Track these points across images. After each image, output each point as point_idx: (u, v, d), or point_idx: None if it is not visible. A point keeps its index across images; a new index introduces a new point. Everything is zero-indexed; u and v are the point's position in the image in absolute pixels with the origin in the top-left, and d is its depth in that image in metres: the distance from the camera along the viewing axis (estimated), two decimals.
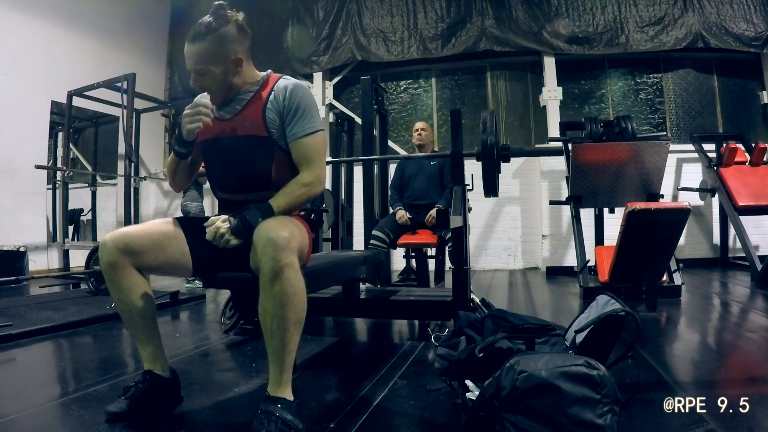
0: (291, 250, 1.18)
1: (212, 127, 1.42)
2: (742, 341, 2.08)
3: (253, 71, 1.46)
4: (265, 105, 1.40)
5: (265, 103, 1.40)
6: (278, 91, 1.40)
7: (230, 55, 1.36)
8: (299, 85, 1.42)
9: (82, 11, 5.36)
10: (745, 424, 1.19)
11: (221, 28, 1.34)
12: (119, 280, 1.30)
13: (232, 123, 1.42)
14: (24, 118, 4.69)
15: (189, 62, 1.36)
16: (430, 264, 3.49)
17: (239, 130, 1.41)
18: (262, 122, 1.39)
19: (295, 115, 1.38)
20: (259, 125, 1.39)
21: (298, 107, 1.38)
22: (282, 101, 1.39)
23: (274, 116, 1.39)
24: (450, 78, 6.01)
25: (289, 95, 1.38)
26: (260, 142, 1.39)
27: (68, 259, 4.24)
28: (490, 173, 2.24)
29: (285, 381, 1.21)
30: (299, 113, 1.38)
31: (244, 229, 1.27)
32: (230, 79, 1.39)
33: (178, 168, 1.49)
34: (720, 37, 5.22)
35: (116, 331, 2.44)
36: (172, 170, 1.50)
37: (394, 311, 2.32)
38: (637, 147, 3.45)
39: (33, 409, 1.40)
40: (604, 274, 3.15)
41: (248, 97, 1.42)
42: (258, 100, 1.41)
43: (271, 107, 1.39)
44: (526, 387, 1.04)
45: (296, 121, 1.38)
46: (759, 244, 4.49)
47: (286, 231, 1.19)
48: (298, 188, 1.36)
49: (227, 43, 1.35)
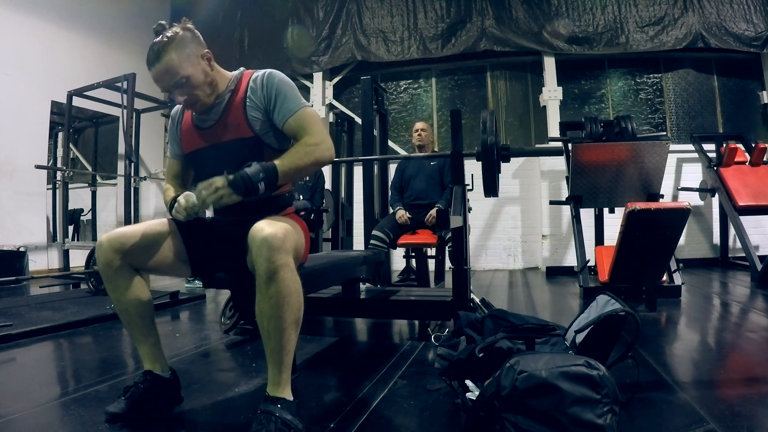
0: (286, 250, 1.17)
1: (195, 138, 1.41)
2: (742, 341, 2.08)
3: (224, 71, 1.43)
4: (244, 103, 1.37)
5: (243, 102, 1.37)
6: (254, 85, 1.38)
7: (197, 52, 1.34)
8: (272, 72, 1.39)
9: (82, 11, 5.37)
10: (745, 424, 1.18)
11: (175, 36, 1.31)
12: (116, 280, 1.30)
13: (214, 130, 1.40)
14: (24, 118, 4.70)
15: (163, 82, 1.31)
16: (430, 264, 3.49)
17: (223, 136, 1.38)
18: (245, 122, 1.36)
19: (276, 101, 1.35)
20: (242, 126, 1.36)
21: (278, 93, 1.36)
22: (260, 93, 1.36)
23: (255, 113, 1.36)
24: (450, 78, 6.01)
25: (266, 84, 1.36)
26: (247, 143, 1.36)
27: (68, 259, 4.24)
28: (490, 173, 2.24)
29: (284, 381, 1.21)
30: (281, 98, 1.35)
31: (243, 184, 1.20)
32: (210, 76, 1.36)
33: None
34: (720, 37, 5.22)
35: (116, 331, 2.45)
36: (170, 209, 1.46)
37: (394, 311, 2.32)
38: (637, 147, 3.45)
39: (33, 409, 1.40)
40: (604, 274, 3.15)
41: (225, 99, 1.39)
42: (236, 102, 1.38)
43: (251, 104, 1.37)
44: (526, 387, 1.04)
45: (280, 106, 1.35)
46: (759, 244, 4.49)
47: (281, 231, 1.18)
48: (302, 147, 1.31)
49: (188, 44, 1.33)
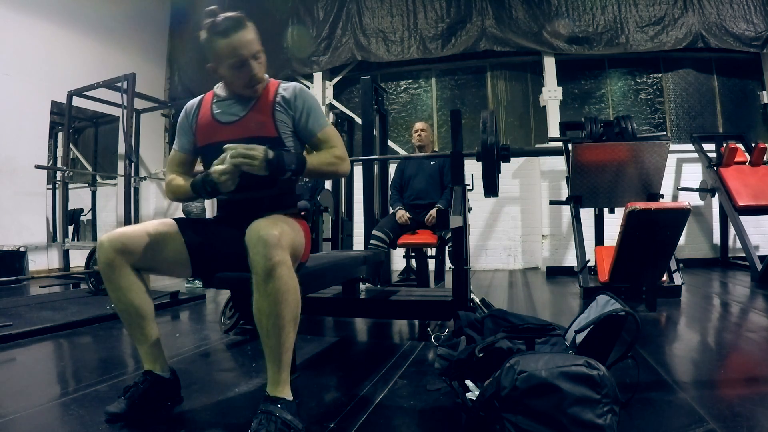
0: (282, 247, 1.18)
1: (215, 131, 1.44)
2: (742, 341, 2.08)
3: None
4: (273, 107, 1.44)
5: (272, 106, 1.44)
6: (284, 93, 1.46)
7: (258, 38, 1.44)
8: (303, 87, 1.50)
9: (82, 11, 5.37)
10: (745, 424, 1.18)
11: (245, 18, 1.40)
12: (117, 280, 1.30)
13: (237, 126, 1.44)
14: (24, 118, 4.70)
15: (245, 50, 1.37)
16: (430, 264, 3.49)
17: (247, 132, 1.42)
18: (272, 123, 1.43)
19: (309, 115, 1.46)
20: (268, 126, 1.43)
21: (310, 108, 1.47)
22: (293, 104, 1.45)
23: (284, 118, 1.45)
24: (450, 78, 6.01)
25: (298, 96, 1.46)
26: (269, 141, 1.40)
27: (68, 259, 4.24)
28: (490, 173, 2.24)
29: (283, 380, 1.21)
30: (313, 113, 1.47)
31: (277, 166, 1.29)
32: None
33: (186, 196, 1.46)
34: (720, 37, 5.22)
35: (116, 331, 2.45)
36: (178, 195, 1.47)
37: (394, 311, 2.32)
38: (637, 147, 3.46)
39: (33, 409, 1.40)
40: (604, 274, 3.15)
41: (252, 100, 1.45)
42: (264, 104, 1.44)
43: (280, 109, 1.45)
44: (526, 387, 1.04)
45: (310, 120, 1.47)
46: (759, 244, 4.49)
47: (277, 229, 1.19)
48: (330, 156, 1.44)
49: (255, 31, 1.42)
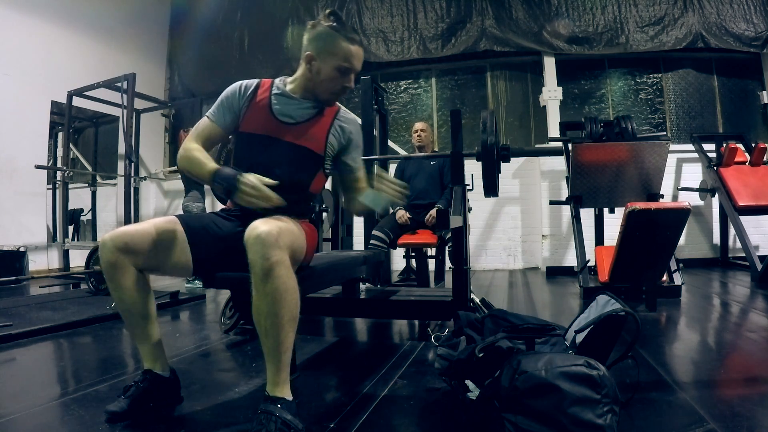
0: (280, 247, 1.17)
1: (266, 123, 1.46)
2: (742, 341, 2.08)
3: None
4: (330, 129, 1.53)
5: (330, 128, 1.53)
6: (342, 120, 1.56)
7: None
8: (359, 122, 1.66)
9: (82, 11, 5.37)
10: (745, 424, 1.18)
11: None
12: (119, 280, 1.29)
13: (293, 129, 1.48)
14: (24, 118, 4.70)
15: (356, 63, 1.49)
16: (430, 264, 3.49)
17: (298, 139, 1.47)
18: (324, 141, 1.51)
19: (357, 149, 1.60)
20: (320, 143, 1.50)
21: (358, 144, 1.61)
22: (347, 135, 1.56)
23: (335, 142, 1.53)
24: (450, 78, 6.00)
25: (356, 133, 1.59)
26: (314, 156, 1.49)
27: (68, 259, 4.25)
28: (490, 173, 2.23)
29: (283, 380, 1.21)
30: (360, 151, 1.62)
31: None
32: None
33: (198, 174, 1.41)
34: (720, 37, 5.22)
35: (116, 331, 2.45)
36: (191, 168, 1.41)
37: (394, 311, 2.31)
38: (637, 147, 3.46)
39: (33, 409, 1.40)
40: (604, 274, 3.15)
41: (313, 111, 1.51)
42: (323, 122, 1.52)
43: (335, 134, 1.53)
44: (526, 387, 1.04)
45: (354, 154, 1.59)
46: (759, 244, 4.49)
47: (275, 229, 1.18)
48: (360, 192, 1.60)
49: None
